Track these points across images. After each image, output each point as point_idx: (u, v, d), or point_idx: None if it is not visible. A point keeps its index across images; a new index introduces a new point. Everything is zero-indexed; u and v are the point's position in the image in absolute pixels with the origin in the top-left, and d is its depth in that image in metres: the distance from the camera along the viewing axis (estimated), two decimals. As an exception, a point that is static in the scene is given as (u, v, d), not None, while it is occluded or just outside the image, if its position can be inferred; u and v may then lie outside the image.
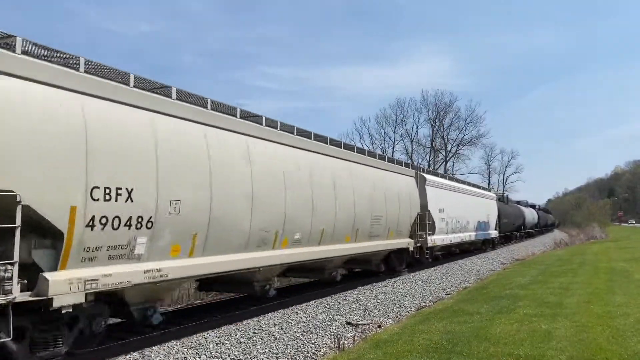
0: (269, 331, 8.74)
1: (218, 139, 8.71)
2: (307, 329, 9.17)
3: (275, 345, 8.04)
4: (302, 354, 7.81)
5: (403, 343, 7.71)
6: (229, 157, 8.88)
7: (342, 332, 9.10)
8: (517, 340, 7.51)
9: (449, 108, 65.83)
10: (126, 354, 7.17)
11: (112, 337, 8.31)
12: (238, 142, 9.26)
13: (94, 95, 6.59)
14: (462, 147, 66.64)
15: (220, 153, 8.63)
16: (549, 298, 11.39)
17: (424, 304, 12.31)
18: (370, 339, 8.32)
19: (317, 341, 8.51)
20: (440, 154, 66.30)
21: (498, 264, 22.43)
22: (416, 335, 8.17)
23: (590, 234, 53.18)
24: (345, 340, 8.40)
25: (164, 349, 7.43)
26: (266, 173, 9.75)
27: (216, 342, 7.90)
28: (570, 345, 7.19)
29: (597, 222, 67.53)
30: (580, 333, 7.88)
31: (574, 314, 9.39)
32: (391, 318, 10.59)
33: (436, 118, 65.77)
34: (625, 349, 6.91)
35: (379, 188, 14.87)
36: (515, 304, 10.74)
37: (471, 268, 20.19)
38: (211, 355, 7.31)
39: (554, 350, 6.94)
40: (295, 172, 10.72)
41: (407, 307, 11.80)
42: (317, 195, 11.40)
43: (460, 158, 66.98)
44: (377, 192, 14.71)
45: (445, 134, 66.31)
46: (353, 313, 10.73)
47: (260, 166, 9.60)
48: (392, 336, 8.34)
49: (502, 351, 6.95)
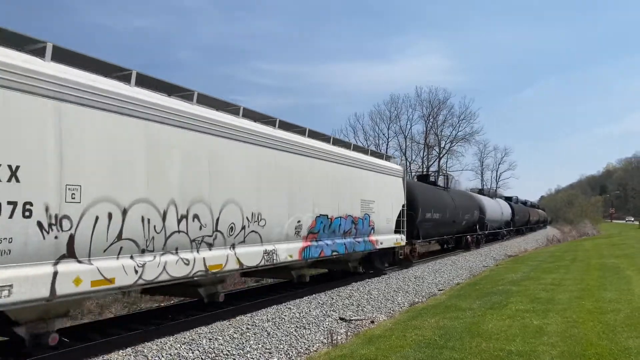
0: (262, 327, 8.75)
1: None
2: (300, 324, 9.19)
3: (268, 341, 8.06)
4: (295, 350, 7.83)
5: (396, 338, 7.74)
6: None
7: (335, 328, 9.13)
8: (509, 336, 7.56)
9: (442, 105, 65.98)
10: (119, 350, 7.16)
11: (104, 333, 8.31)
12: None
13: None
14: (456, 143, 66.89)
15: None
16: (540, 294, 11.46)
17: (416, 299, 12.37)
18: (363, 335, 8.35)
19: (310, 337, 8.53)
20: (434, 151, 66.50)
21: (491, 260, 22.55)
22: (409, 331, 8.21)
23: (582, 231, 53.62)
24: (339, 335, 8.42)
25: (157, 344, 7.42)
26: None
27: (209, 337, 7.90)
28: (562, 340, 7.24)
29: (589, 218, 68.05)
30: (572, 328, 7.94)
31: (565, 310, 9.46)
32: (384, 314, 10.63)
33: (430, 115, 65.92)
34: (615, 344, 6.97)
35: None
36: (508, 299, 10.80)
37: (464, 264, 20.28)
38: (204, 351, 7.31)
39: (545, 345, 6.99)
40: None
41: (400, 303, 11.84)
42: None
43: (453, 155, 67.25)
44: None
45: (439, 131, 66.48)
46: (346, 309, 10.76)
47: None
48: (384, 332, 8.37)
49: (494, 346, 6.99)
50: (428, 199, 20.99)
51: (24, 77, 5.97)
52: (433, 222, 21.40)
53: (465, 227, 27.44)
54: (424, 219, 20.22)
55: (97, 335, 8.17)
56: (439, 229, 22.85)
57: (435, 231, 22.41)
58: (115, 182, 7.07)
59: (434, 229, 21.95)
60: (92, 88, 6.82)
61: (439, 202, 22.28)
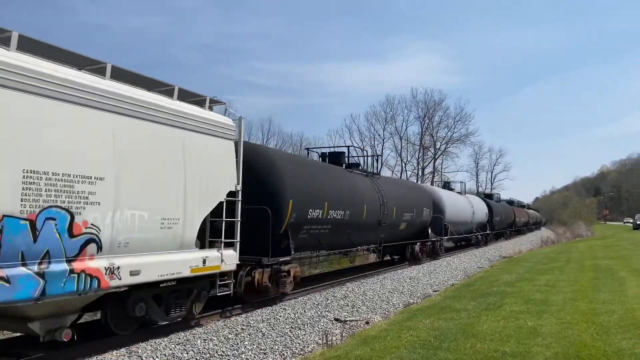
0: (257, 327, 8.74)
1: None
2: (295, 325, 9.18)
3: (263, 342, 8.05)
4: (290, 350, 7.83)
5: (391, 339, 7.75)
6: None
7: (330, 329, 9.13)
8: (504, 337, 7.58)
9: (438, 106, 66.28)
10: (113, 350, 7.13)
11: (98, 333, 8.26)
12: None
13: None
14: (451, 145, 67.13)
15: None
16: (535, 295, 11.51)
17: (411, 300, 12.39)
18: (358, 335, 8.35)
19: (305, 337, 8.53)
20: (430, 152, 66.64)
21: (486, 262, 22.61)
22: (404, 332, 8.22)
23: (577, 232, 53.91)
24: (333, 336, 8.42)
25: (151, 345, 7.39)
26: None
27: (204, 338, 7.88)
28: (556, 341, 7.27)
29: (584, 220, 68.39)
30: (566, 330, 7.98)
31: (559, 311, 9.50)
32: (379, 314, 10.64)
33: (425, 116, 66.11)
34: (609, 345, 7.01)
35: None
36: (502, 301, 10.83)
37: (459, 265, 20.32)
38: (199, 352, 7.30)
39: (539, 346, 7.02)
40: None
41: (394, 304, 11.86)
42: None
43: (449, 156, 67.50)
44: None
45: (434, 132, 66.68)
46: (341, 309, 10.76)
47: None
48: (379, 332, 8.37)
49: (488, 347, 7.02)
50: (307, 184, 12.05)
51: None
52: (326, 223, 12.83)
53: (411, 231, 19.66)
54: (300, 221, 11.60)
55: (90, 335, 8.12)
56: (343, 236, 14.31)
57: (333, 239, 13.72)
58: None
59: (331, 236, 13.38)
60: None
61: (338, 191, 13.54)
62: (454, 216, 25.43)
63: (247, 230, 9.62)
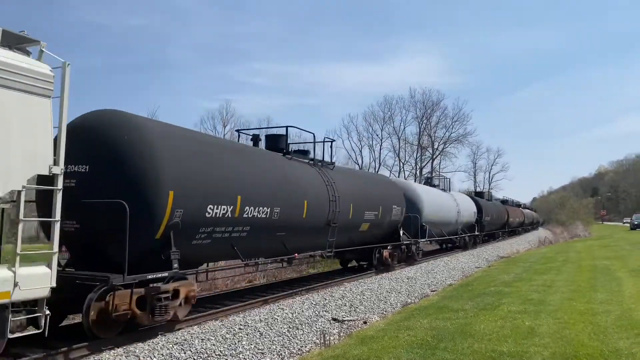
0: (254, 327, 8.73)
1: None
2: (293, 325, 9.18)
3: (261, 341, 8.04)
4: (288, 350, 7.82)
5: (388, 339, 7.75)
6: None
7: (328, 328, 9.13)
8: (501, 337, 7.59)
9: (436, 106, 66.39)
10: (110, 350, 7.12)
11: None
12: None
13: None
14: (449, 145, 67.22)
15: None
16: (532, 295, 11.52)
17: (409, 300, 12.40)
18: (355, 335, 8.35)
19: (303, 337, 8.53)
20: (427, 152, 66.73)
21: (483, 262, 22.63)
22: (401, 332, 8.22)
23: (574, 232, 54.01)
24: (331, 336, 8.42)
25: (149, 344, 7.38)
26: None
27: (201, 337, 7.87)
28: (553, 341, 7.28)
29: (581, 220, 68.51)
30: (563, 330, 7.99)
31: (556, 311, 9.51)
32: (377, 314, 10.65)
33: (423, 116, 66.24)
34: (606, 345, 7.02)
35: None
36: (500, 300, 10.85)
37: (456, 265, 20.34)
38: (196, 351, 7.29)
39: (537, 346, 7.03)
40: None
41: (392, 304, 11.86)
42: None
43: (447, 156, 67.58)
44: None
45: (432, 132, 66.79)
46: (339, 309, 10.76)
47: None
48: (377, 332, 8.38)
49: (486, 347, 7.02)
50: (205, 171, 9.01)
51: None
52: (242, 224, 9.90)
53: (377, 233, 16.85)
54: (192, 221, 8.58)
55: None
56: (272, 241, 11.36)
57: (254, 245, 10.79)
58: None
59: (251, 241, 10.38)
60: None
61: (261, 182, 10.58)
62: (434, 215, 22.56)
63: (99, 235, 7.52)
